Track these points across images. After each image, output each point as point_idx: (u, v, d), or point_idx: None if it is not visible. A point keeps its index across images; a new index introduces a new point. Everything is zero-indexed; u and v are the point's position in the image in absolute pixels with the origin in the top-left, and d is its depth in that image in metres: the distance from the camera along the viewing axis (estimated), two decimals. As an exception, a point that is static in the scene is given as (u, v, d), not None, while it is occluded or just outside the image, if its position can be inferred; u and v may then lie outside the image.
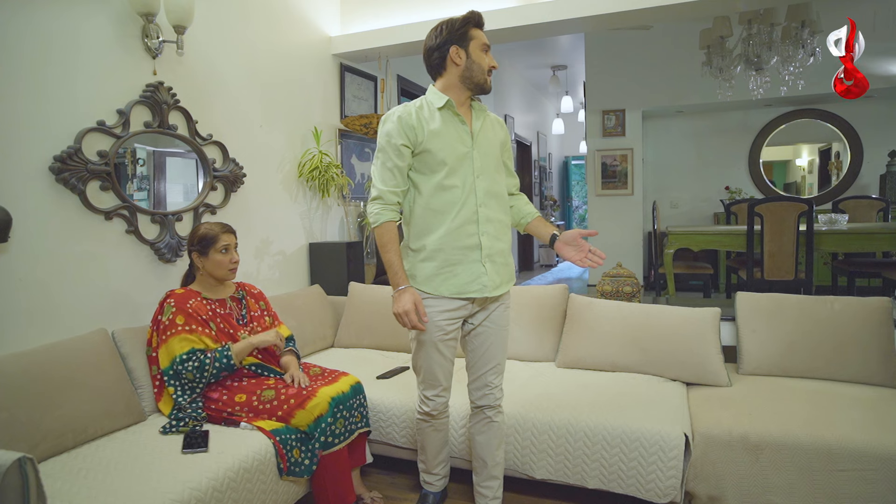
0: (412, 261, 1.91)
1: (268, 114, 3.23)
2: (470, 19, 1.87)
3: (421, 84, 5.28)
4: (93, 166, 2.22)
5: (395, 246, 1.85)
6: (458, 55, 1.86)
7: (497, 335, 1.99)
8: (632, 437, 2.06)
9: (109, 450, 1.87)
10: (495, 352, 2.00)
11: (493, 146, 1.94)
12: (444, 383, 2.00)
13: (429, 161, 1.84)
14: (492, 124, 1.99)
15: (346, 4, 3.85)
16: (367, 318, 3.18)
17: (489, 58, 1.90)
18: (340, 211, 3.91)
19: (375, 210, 1.86)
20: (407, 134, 1.82)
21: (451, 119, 1.88)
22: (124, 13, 2.37)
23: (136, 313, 2.43)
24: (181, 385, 2.09)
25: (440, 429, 2.09)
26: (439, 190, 1.84)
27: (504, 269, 1.94)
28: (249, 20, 3.10)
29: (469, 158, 1.86)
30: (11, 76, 2.01)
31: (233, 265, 2.24)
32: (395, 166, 1.84)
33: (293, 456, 1.99)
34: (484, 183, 1.88)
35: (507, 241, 1.97)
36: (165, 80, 2.52)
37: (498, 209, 1.92)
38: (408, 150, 1.84)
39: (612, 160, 6.78)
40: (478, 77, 1.87)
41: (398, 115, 1.85)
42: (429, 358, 1.94)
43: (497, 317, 1.98)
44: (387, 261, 1.85)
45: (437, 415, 2.04)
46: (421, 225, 1.88)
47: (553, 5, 3.20)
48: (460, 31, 1.85)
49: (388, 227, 1.86)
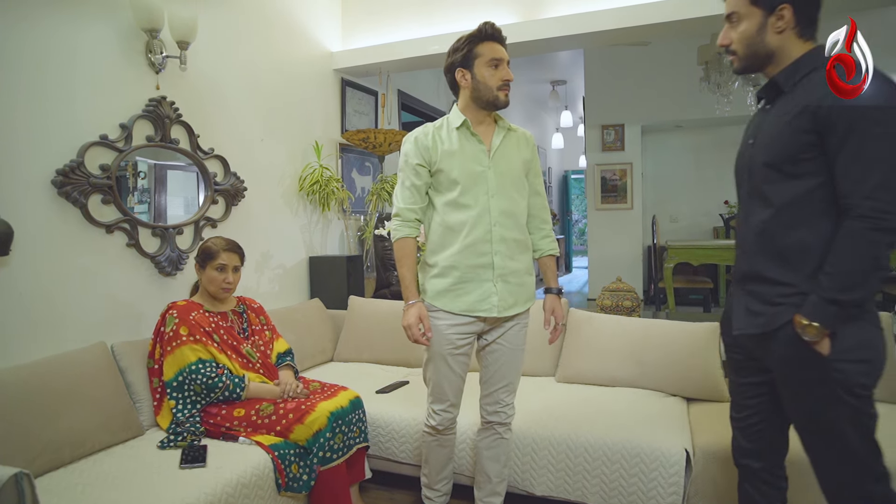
0: (426, 275, 1.94)
1: (269, 128, 3.26)
2: (475, 37, 1.84)
3: (421, 99, 5.32)
4: (95, 180, 2.23)
5: (409, 261, 1.90)
6: (463, 77, 1.86)
7: (510, 355, 1.96)
8: (632, 453, 2.05)
9: (107, 464, 1.86)
10: (506, 371, 1.97)
11: (512, 165, 1.91)
12: (452, 398, 1.97)
13: (442, 180, 1.87)
14: (516, 142, 1.95)
15: (347, 20, 3.89)
16: (367, 333, 3.17)
17: (502, 71, 1.84)
18: (341, 225, 3.92)
19: (394, 226, 1.92)
20: (422, 154, 1.87)
21: (467, 138, 1.88)
22: (129, 29, 2.40)
23: (136, 327, 2.42)
24: (183, 398, 2.08)
25: (445, 445, 2.06)
26: (453, 208, 1.86)
27: (519, 289, 1.91)
28: (252, 36, 3.14)
29: (484, 178, 1.86)
30: (16, 90, 2.03)
31: (225, 285, 2.23)
32: (413, 185, 1.89)
33: (291, 471, 1.98)
34: (499, 202, 1.86)
35: (523, 261, 1.93)
36: (168, 94, 2.55)
37: (514, 229, 1.89)
38: (423, 169, 1.88)
39: (612, 174, 6.82)
40: (486, 95, 1.84)
41: (415, 136, 1.90)
42: (437, 371, 1.93)
43: (512, 336, 1.95)
44: (400, 275, 1.91)
45: (443, 430, 2.01)
46: (436, 241, 1.91)
47: (553, 22, 3.24)
48: (463, 52, 1.85)
49: (403, 243, 1.90)
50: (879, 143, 1.22)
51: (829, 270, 1.27)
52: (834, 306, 1.26)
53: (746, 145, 1.50)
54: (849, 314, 1.28)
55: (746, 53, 1.42)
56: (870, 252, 1.24)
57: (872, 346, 1.32)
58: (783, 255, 1.35)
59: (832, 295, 1.25)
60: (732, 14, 1.42)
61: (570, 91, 8.76)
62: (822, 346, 1.29)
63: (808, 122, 1.29)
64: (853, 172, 1.24)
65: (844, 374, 1.29)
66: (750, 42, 1.40)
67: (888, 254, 1.25)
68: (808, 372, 1.33)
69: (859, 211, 1.23)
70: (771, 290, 1.37)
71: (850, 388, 1.29)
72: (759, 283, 1.40)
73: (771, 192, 1.36)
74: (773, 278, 1.36)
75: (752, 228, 1.42)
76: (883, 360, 1.34)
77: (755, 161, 1.42)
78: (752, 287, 1.42)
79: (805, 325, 1.28)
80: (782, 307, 1.34)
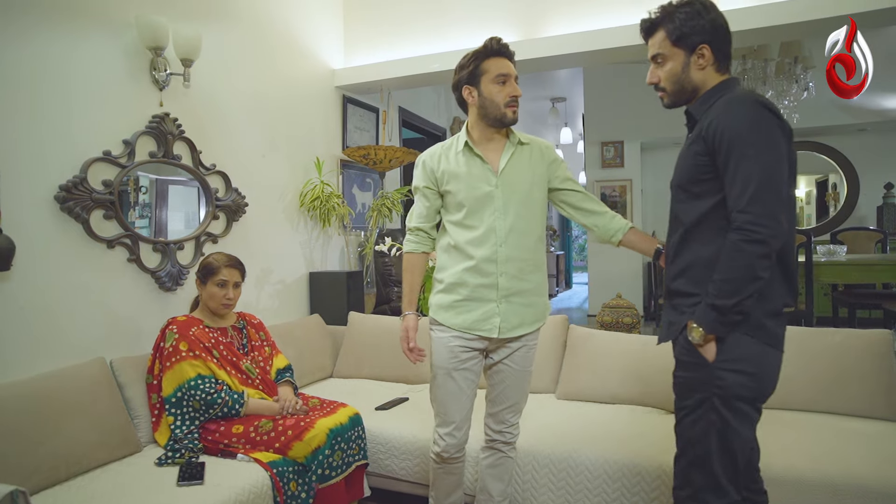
0: (434, 290, 1.96)
1: (271, 144, 3.28)
2: (481, 53, 1.83)
3: (422, 115, 5.36)
4: (97, 195, 2.24)
5: (411, 276, 1.96)
6: (470, 95, 1.85)
7: (516, 377, 1.93)
8: (634, 472, 2.03)
9: (104, 481, 1.84)
10: (511, 393, 1.94)
11: (523, 181, 1.86)
12: (457, 419, 1.89)
13: (450, 201, 1.89)
14: (529, 156, 1.90)
15: (349, 38, 3.94)
16: (367, 349, 3.16)
17: (509, 87, 1.81)
18: (341, 240, 3.93)
19: (406, 240, 1.99)
20: (428, 177, 1.91)
21: (472, 159, 1.86)
22: (134, 47, 2.43)
23: (135, 342, 2.42)
24: (181, 415, 2.07)
25: (453, 473, 1.99)
26: (460, 228, 1.87)
27: (526, 309, 1.88)
28: (254, 53, 3.17)
29: (492, 197, 1.83)
30: (21, 106, 2.05)
31: (226, 301, 2.23)
32: (423, 205, 1.94)
33: (290, 489, 1.96)
34: (507, 221, 1.83)
35: (533, 281, 1.89)
36: (171, 111, 2.57)
37: (522, 248, 1.85)
38: (431, 191, 1.91)
39: (612, 191, 6.85)
40: (493, 112, 1.82)
41: (424, 159, 1.93)
42: (441, 387, 1.88)
43: (518, 358, 1.91)
44: (403, 287, 1.98)
45: (447, 458, 1.92)
46: (444, 258, 1.92)
47: (553, 40, 3.28)
48: (469, 69, 1.84)
49: (409, 256, 1.97)
50: (752, 163, 1.34)
51: (714, 278, 1.38)
52: (714, 311, 1.36)
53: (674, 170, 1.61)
54: (731, 321, 1.37)
55: (674, 90, 1.55)
56: (743, 261, 1.33)
57: (758, 363, 1.41)
58: (693, 269, 1.47)
59: (712, 300, 1.37)
60: (657, 55, 1.54)
61: (570, 108, 8.83)
62: (707, 351, 1.40)
63: (701, 146, 1.43)
64: (734, 190, 1.36)
65: (724, 382, 1.39)
66: (676, 80, 1.53)
67: (764, 264, 1.33)
68: (693, 373, 1.44)
69: (736, 224, 1.34)
70: (684, 302, 1.48)
71: (727, 398, 1.39)
72: (678, 297, 1.51)
73: (682, 212, 1.51)
74: (686, 291, 1.48)
75: (672, 246, 1.55)
76: (768, 379, 1.44)
77: (673, 184, 1.56)
78: (674, 300, 1.52)
79: (692, 327, 1.41)
80: (686, 315, 1.46)
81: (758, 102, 1.38)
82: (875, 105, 5.92)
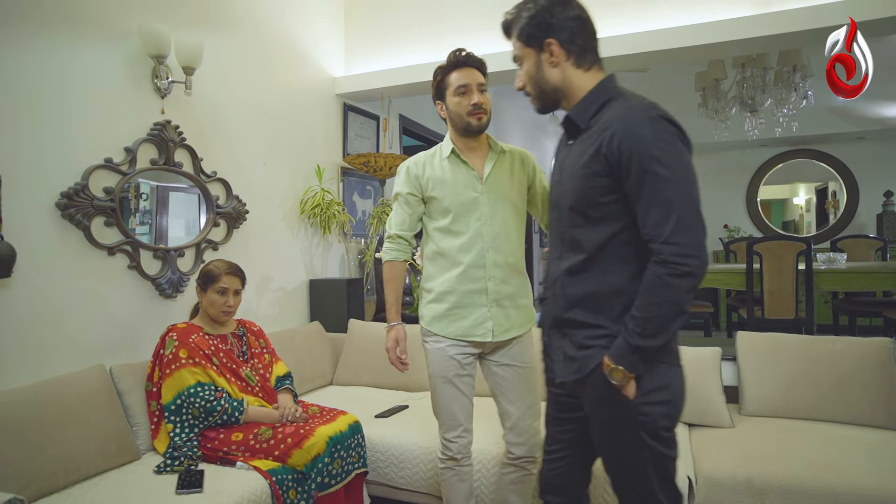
0: (423, 301, 1.96)
1: (271, 151, 3.29)
2: (444, 67, 1.89)
3: (422, 123, 5.37)
4: (98, 202, 2.24)
5: (394, 284, 1.97)
6: (441, 109, 1.93)
7: (519, 373, 1.92)
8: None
9: (102, 489, 1.83)
10: (520, 391, 1.92)
11: (506, 188, 1.90)
12: (464, 423, 1.94)
13: (435, 207, 1.90)
14: (510, 164, 1.94)
15: (350, 46, 3.96)
16: (367, 356, 3.15)
17: (470, 96, 1.84)
18: (341, 248, 3.93)
19: (385, 248, 1.98)
20: (413, 184, 1.92)
21: (457, 165, 1.90)
22: (136, 55, 2.44)
23: (135, 349, 2.41)
24: (181, 422, 2.07)
25: (465, 478, 1.99)
26: (447, 235, 1.88)
27: (515, 312, 1.90)
28: (256, 61, 3.19)
29: (478, 203, 1.87)
30: (24, 113, 2.05)
31: (226, 308, 2.23)
32: (405, 212, 1.95)
33: (289, 497, 1.95)
34: (493, 227, 1.86)
35: (516, 285, 1.92)
36: (173, 118, 2.58)
37: (507, 253, 1.89)
38: (414, 198, 1.93)
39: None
40: (459, 123, 1.87)
41: (408, 165, 1.95)
42: (445, 395, 1.91)
43: (516, 353, 1.92)
44: (385, 297, 1.96)
45: (460, 458, 1.95)
46: (431, 267, 1.93)
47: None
48: (437, 86, 1.92)
49: (390, 266, 1.98)
50: (672, 185, 1.21)
51: (635, 314, 1.26)
52: (637, 353, 1.25)
53: (555, 182, 1.48)
54: (652, 357, 1.28)
55: (536, 92, 1.43)
56: (670, 297, 1.22)
57: (672, 387, 1.33)
58: (594, 298, 1.35)
59: (636, 342, 1.24)
60: (516, 57, 1.44)
61: (570, 116, 8.83)
62: (628, 390, 1.29)
63: (600, 165, 1.28)
64: (652, 216, 1.23)
65: (649, 417, 1.30)
66: (534, 81, 1.41)
67: (691, 297, 1.24)
68: (616, 413, 1.33)
69: (661, 257, 1.22)
70: (581, 333, 1.36)
71: (654, 431, 1.31)
72: (572, 327, 1.39)
73: (580, 237, 1.36)
74: (584, 321, 1.36)
75: (563, 271, 1.41)
76: (682, 399, 1.35)
77: (563, 204, 1.41)
78: (567, 330, 1.40)
79: (612, 368, 1.28)
80: (592, 349, 1.34)
81: (661, 117, 1.27)
82: (874, 113, 5.95)
